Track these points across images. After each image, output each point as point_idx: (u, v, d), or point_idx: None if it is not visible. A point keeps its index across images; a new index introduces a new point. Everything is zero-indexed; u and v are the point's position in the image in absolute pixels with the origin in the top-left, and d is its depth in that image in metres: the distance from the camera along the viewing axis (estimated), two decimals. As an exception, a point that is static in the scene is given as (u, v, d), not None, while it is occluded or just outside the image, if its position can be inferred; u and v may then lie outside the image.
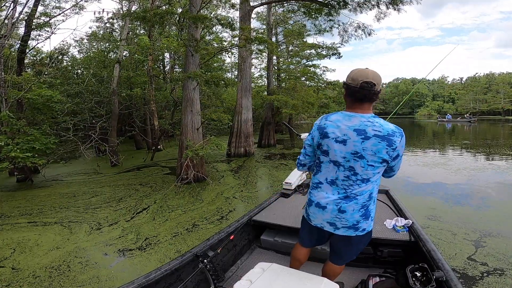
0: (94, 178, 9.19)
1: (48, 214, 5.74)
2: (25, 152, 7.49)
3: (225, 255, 2.72)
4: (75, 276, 3.39)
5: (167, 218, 5.18)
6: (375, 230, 2.74)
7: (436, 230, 4.33)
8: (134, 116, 15.36)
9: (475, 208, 5.49)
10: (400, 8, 12.32)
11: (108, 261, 3.71)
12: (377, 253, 2.69)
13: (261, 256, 2.99)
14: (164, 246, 4.06)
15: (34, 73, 12.54)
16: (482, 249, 3.74)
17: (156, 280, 2.00)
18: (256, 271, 1.86)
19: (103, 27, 19.55)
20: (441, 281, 1.88)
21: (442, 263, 2.06)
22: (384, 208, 3.34)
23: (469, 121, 40.39)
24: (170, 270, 2.12)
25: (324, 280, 1.74)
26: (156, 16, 6.52)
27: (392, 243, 2.61)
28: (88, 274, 3.41)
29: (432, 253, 2.21)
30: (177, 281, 2.16)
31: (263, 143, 16.28)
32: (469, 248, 3.77)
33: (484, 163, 10.08)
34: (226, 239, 2.59)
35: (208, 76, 7.37)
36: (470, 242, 3.94)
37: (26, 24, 10.42)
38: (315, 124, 1.90)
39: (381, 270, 2.64)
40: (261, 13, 21.66)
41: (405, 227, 2.73)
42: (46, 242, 4.39)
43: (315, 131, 1.85)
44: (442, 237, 4.10)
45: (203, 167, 8.12)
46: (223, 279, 2.56)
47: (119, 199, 6.59)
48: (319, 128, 1.81)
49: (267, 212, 3.29)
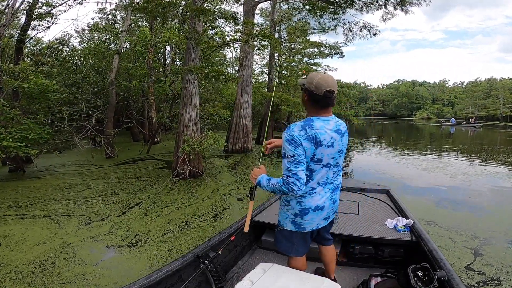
0: (88, 169, 9.03)
1: (37, 207, 5.57)
2: (18, 142, 7.31)
3: (226, 256, 2.71)
4: (59, 272, 3.24)
5: (159, 214, 5.03)
6: (376, 230, 2.76)
7: (436, 237, 4.19)
8: (132, 108, 15.16)
9: (475, 214, 5.37)
10: (408, 9, 12.13)
11: (95, 258, 3.56)
12: (378, 253, 2.67)
13: (262, 256, 2.99)
14: (155, 243, 3.91)
15: (33, 62, 12.34)
16: (481, 257, 3.61)
17: (157, 281, 1.99)
18: (257, 271, 1.87)
19: (105, 19, 19.34)
20: (443, 281, 1.87)
21: (444, 262, 2.04)
22: (385, 208, 3.32)
23: (474, 126, 38.50)
24: (171, 271, 2.12)
25: (325, 280, 1.75)
26: (158, 7, 6.32)
27: (394, 243, 2.62)
28: (73, 271, 3.26)
29: (434, 252, 2.19)
30: (178, 282, 2.15)
31: (261, 139, 16.13)
32: (468, 257, 3.63)
33: (482, 169, 9.96)
34: (227, 239, 2.58)
35: (208, 70, 7.17)
36: (469, 250, 3.80)
37: (26, 14, 10.21)
38: (296, 136, 1.73)
39: (383, 270, 2.60)
40: (265, 9, 21.47)
41: (407, 227, 2.72)
42: (33, 236, 4.23)
43: (304, 141, 1.73)
44: (442, 244, 3.97)
45: (200, 162, 7.96)
46: (224, 280, 2.54)
47: (112, 193, 6.43)
48: (310, 139, 1.74)
49: (268, 212, 3.27)
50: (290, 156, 1.73)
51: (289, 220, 1.93)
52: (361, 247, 2.71)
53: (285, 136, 1.77)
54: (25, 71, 8.69)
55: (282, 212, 1.98)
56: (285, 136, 1.77)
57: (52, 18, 11.34)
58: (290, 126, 1.82)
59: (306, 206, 1.86)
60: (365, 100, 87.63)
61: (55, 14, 11.40)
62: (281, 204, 1.99)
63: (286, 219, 1.94)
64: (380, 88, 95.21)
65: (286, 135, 1.77)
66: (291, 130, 1.77)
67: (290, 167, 1.73)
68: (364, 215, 3.12)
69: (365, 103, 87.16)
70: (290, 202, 1.90)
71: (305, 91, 1.83)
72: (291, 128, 1.79)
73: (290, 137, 1.74)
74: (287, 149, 1.74)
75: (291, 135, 1.75)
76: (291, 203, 1.90)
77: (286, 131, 1.80)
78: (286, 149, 1.75)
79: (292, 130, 1.77)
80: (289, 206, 1.91)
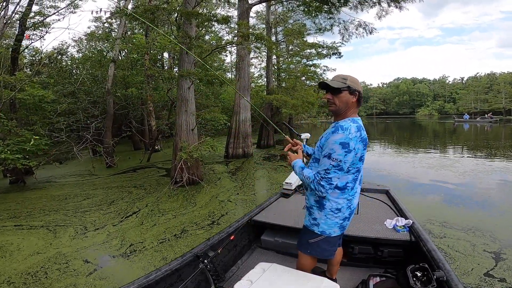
0: (88, 180, 9.01)
1: (36, 217, 5.55)
2: (15, 154, 7.30)
3: (226, 255, 2.71)
4: (51, 283, 3.19)
5: (156, 223, 4.96)
6: (375, 230, 2.74)
7: (453, 240, 3.96)
8: (131, 116, 15.16)
9: (491, 214, 5.08)
10: (402, 6, 12.10)
11: (87, 268, 3.50)
12: (377, 253, 2.68)
13: (262, 256, 2.99)
14: (149, 253, 3.84)
15: (32, 73, 12.39)
16: (502, 262, 3.36)
17: (156, 281, 2.00)
18: (257, 271, 1.88)
19: (102, 27, 19.43)
20: (442, 281, 1.88)
21: (442, 263, 2.04)
22: (384, 208, 3.32)
23: (490, 121, 36.86)
24: (171, 271, 2.12)
25: (325, 280, 1.75)
26: (147, 13, 6.31)
27: (393, 243, 2.62)
28: (65, 282, 3.21)
29: (433, 253, 2.19)
30: (177, 281, 2.16)
31: (262, 143, 16.09)
32: (488, 262, 3.38)
33: (493, 165, 9.79)
34: (226, 239, 2.59)
35: (202, 75, 7.13)
36: (489, 255, 3.54)
37: (20, 24, 10.26)
38: (354, 139, 1.70)
39: (382, 270, 2.61)
40: (260, 12, 21.55)
41: (406, 227, 2.72)
42: (28, 246, 4.20)
43: (357, 143, 1.72)
44: (460, 249, 3.71)
45: (199, 169, 7.90)
46: (223, 279, 2.56)
47: (110, 202, 6.39)
48: (362, 140, 1.75)
49: (268, 212, 3.28)
50: (335, 160, 1.69)
51: (338, 226, 1.88)
52: (360, 247, 2.71)
53: (338, 138, 1.69)
54: (21, 82, 8.69)
55: (328, 220, 1.86)
56: (338, 138, 1.69)
57: (45, 27, 11.38)
58: (343, 127, 1.73)
59: (353, 207, 1.89)
60: (366, 100, 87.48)
61: (48, 24, 11.46)
62: (326, 214, 1.86)
63: (335, 226, 1.87)
64: (380, 87, 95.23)
65: (340, 137, 1.69)
66: (349, 132, 1.70)
67: (330, 170, 1.70)
68: (364, 215, 3.10)
69: (366, 102, 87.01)
70: (341, 209, 1.84)
71: (352, 93, 1.79)
72: (348, 129, 1.71)
73: (347, 140, 1.68)
74: (337, 152, 1.68)
75: (349, 138, 1.68)
76: (341, 210, 1.84)
77: (340, 131, 1.71)
78: (335, 152, 1.69)
79: (349, 132, 1.70)
80: (339, 213, 1.84)
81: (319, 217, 1.87)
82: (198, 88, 13.24)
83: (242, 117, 12.53)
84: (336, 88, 1.78)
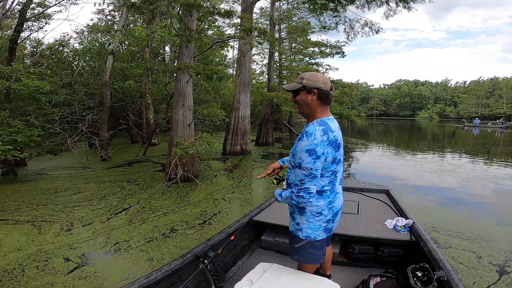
0: (81, 173, 8.82)
1: (23, 212, 5.35)
2: (6, 145, 7.10)
3: (226, 256, 2.71)
4: (27, 281, 3.02)
5: (145, 221, 4.77)
6: (376, 230, 2.74)
7: (458, 251, 3.76)
8: (128, 109, 14.95)
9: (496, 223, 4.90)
10: (410, 6, 11.85)
11: (67, 266, 3.32)
12: (378, 253, 2.68)
13: (262, 256, 3.00)
14: (135, 252, 3.65)
15: (30, 63, 12.16)
16: (506, 276, 3.18)
17: (157, 281, 1.99)
18: (257, 271, 1.88)
19: (104, 19, 19.20)
20: (442, 281, 1.87)
21: (443, 263, 2.04)
22: (384, 208, 3.31)
23: (501, 127, 34.93)
24: (171, 271, 2.11)
25: (324, 280, 1.76)
26: (146, 3, 6.10)
27: (393, 243, 2.62)
28: (42, 281, 3.04)
29: (433, 252, 2.19)
30: (178, 282, 2.16)
31: (261, 141, 15.89)
32: (491, 275, 3.20)
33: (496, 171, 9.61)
34: (226, 239, 2.58)
35: (200, 69, 6.92)
36: (494, 267, 3.36)
37: (20, 15, 10.04)
38: (320, 145, 1.58)
39: (382, 270, 2.60)
40: (264, 8, 21.31)
41: (406, 227, 2.72)
42: (10, 242, 4.01)
43: (326, 147, 1.61)
44: (465, 261, 3.50)
45: (194, 165, 7.70)
46: (224, 280, 2.55)
47: (101, 197, 6.20)
48: (331, 143, 1.64)
49: (268, 212, 3.28)
50: (306, 169, 1.58)
51: (322, 229, 1.81)
52: (360, 247, 2.70)
53: (303, 146, 1.58)
54: (16, 72, 8.48)
55: (310, 224, 1.79)
56: (303, 146, 1.58)
57: (46, 18, 11.15)
58: (308, 132, 1.59)
59: (336, 209, 1.83)
60: (367, 100, 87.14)
61: (49, 15, 11.23)
62: (307, 218, 1.79)
63: (319, 229, 1.80)
64: (382, 88, 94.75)
65: (305, 144, 1.57)
66: (314, 137, 1.58)
67: (304, 180, 1.60)
68: (364, 215, 3.10)
69: (367, 103, 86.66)
70: (322, 212, 1.77)
71: (309, 91, 1.68)
72: (313, 134, 1.58)
73: (313, 146, 1.56)
74: (305, 160, 1.57)
75: (314, 144, 1.56)
76: (323, 213, 1.78)
77: (305, 138, 1.59)
78: (304, 161, 1.58)
79: (314, 138, 1.57)
80: (321, 216, 1.78)
81: (301, 221, 1.81)
82: (198, 83, 13.02)
83: (241, 113, 12.32)
84: (294, 90, 1.73)
